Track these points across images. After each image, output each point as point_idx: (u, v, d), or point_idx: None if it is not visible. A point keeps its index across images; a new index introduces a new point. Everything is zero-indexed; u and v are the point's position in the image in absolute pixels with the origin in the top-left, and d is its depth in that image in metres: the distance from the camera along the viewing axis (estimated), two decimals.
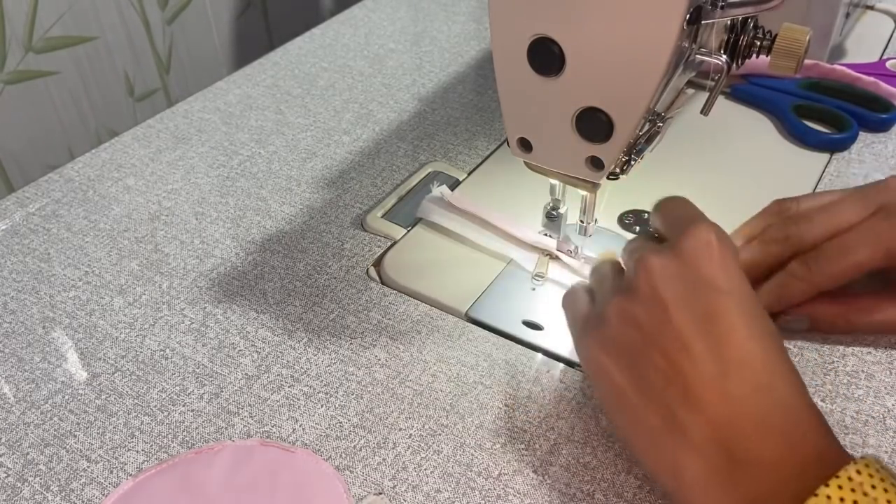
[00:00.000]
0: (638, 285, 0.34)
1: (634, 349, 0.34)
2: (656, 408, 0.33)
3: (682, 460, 0.32)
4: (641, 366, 0.33)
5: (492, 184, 0.57)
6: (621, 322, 0.34)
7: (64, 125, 0.74)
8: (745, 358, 0.32)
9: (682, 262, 0.34)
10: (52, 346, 0.46)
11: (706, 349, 0.32)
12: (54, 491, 0.38)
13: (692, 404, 0.32)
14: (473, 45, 0.77)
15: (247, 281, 0.50)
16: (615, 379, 0.34)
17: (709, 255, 0.33)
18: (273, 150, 0.62)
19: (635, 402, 0.33)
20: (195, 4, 0.82)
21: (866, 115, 0.61)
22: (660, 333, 0.33)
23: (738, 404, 0.31)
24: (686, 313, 0.33)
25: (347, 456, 0.39)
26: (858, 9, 0.73)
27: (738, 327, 0.32)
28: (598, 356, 0.35)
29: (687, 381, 0.32)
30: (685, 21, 0.34)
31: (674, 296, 0.33)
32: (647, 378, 0.33)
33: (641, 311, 0.34)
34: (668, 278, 0.33)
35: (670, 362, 0.32)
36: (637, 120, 0.38)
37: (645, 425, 0.33)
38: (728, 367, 0.32)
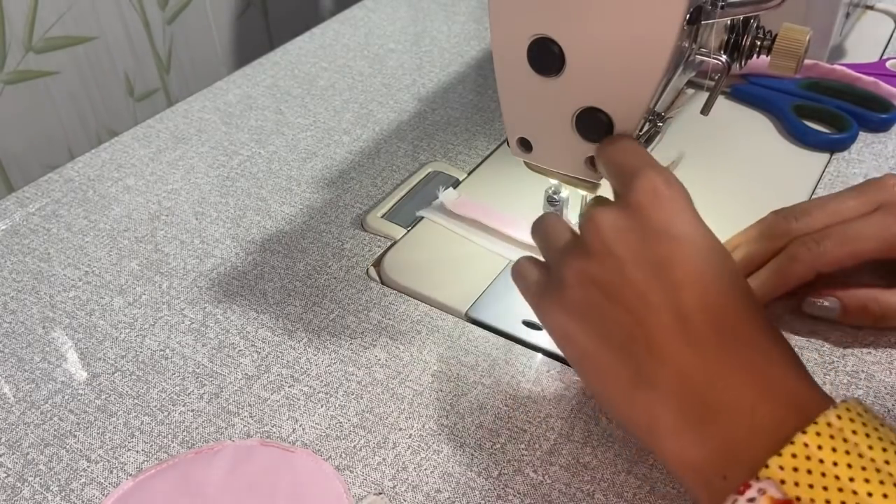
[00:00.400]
0: (590, 243, 0.33)
1: (595, 308, 0.33)
2: (624, 363, 0.32)
3: (654, 412, 0.31)
4: (604, 324, 0.33)
5: (492, 184, 0.57)
6: (578, 283, 0.33)
7: (64, 125, 0.74)
8: (705, 303, 0.31)
9: (631, 214, 0.33)
10: (52, 346, 0.46)
11: (664, 298, 0.31)
12: (54, 491, 0.38)
13: (658, 355, 0.31)
14: (473, 45, 0.77)
15: (247, 281, 0.50)
16: (580, 341, 0.33)
17: (658, 204, 0.33)
18: (273, 150, 0.62)
19: (603, 360, 0.33)
20: (195, 4, 0.82)
21: (866, 115, 0.61)
22: (618, 289, 0.32)
23: (702, 350, 0.31)
24: (641, 265, 0.32)
25: (347, 456, 0.39)
26: (858, 9, 0.73)
27: (694, 273, 0.31)
28: (560, 321, 0.34)
29: (650, 332, 0.31)
30: (685, 21, 0.34)
31: (626, 249, 0.32)
32: (611, 335, 0.32)
33: (596, 268, 0.33)
34: (619, 232, 0.33)
35: (632, 316, 0.32)
36: (637, 120, 0.38)
37: (616, 382, 0.32)
38: (688, 314, 0.31)
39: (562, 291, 0.34)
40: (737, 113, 0.64)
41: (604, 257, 0.33)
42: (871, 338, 0.45)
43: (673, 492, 0.37)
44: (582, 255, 0.34)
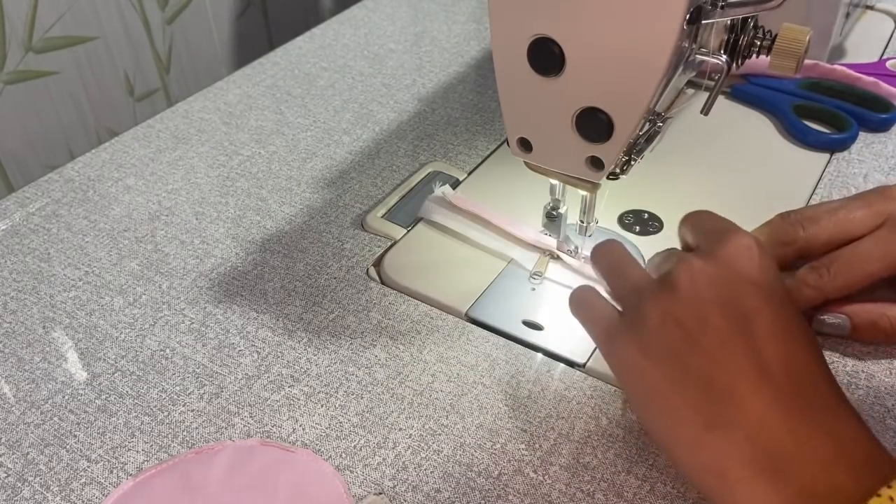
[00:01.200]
0: (679, 287, 0.34)
1: (676, 350, 0.33)
2: (699, 407, 0.32)
3: (727, 457, 0.31)
4: (683, 366, 0.33)
5: (492, 184, 0.57)
6: (661, 323, 0.34)
7: (64, 125, 0.74)
8: (787, 358, 0.32)
9: (724, 265, 0.34)
10: (52, 346, 0.46)
11: (749, 349, 0.32)
12: (54, 491, 0.38)
13: (737, 402, 0.31)
14: (473, 45, 0.77)
15: (247, 281, 0.50)
16: (654, 379, 0.33)
17: (749, 259, 0.34)
18: (273, 150, 0.62)
19: (676, 403, 0.32)
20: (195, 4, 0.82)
21: (866, 115, 0.61)
22: (702, 333, 0.33)
23: (783, 403, 0.31)
24: (728, 314, 0.33)
25: (347, 456, 0.39)
26: (858, 9, 0.73)
27: (779, 328, 0.32)
28: (633, 358, 0.34)
29: (731, 379, 0.32)
30: (685, 21, 0.34)
31: (716, 296, 0.33)
32: (688, 378, 0.32)
33: (683, 311, 0.33)
34: (710, 279, 0.34)
35: (714, 361, 0.32)
36: (637, 120, 0.38)
37: (688, 424, 0.32)
38: (771, 367, 0.32)
39: (641, 329, 0.34)
40: (737, 113, 0.64)
41: (693, 301, 0.33)
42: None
43: (673, 492, 0.37)
44: (669, 296, 0.34)
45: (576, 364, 0.44)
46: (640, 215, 0.54)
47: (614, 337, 0.36)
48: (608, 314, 0.37)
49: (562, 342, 0.45)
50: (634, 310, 0.35)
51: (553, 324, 0.46)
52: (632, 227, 0.53)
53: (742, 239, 0.35)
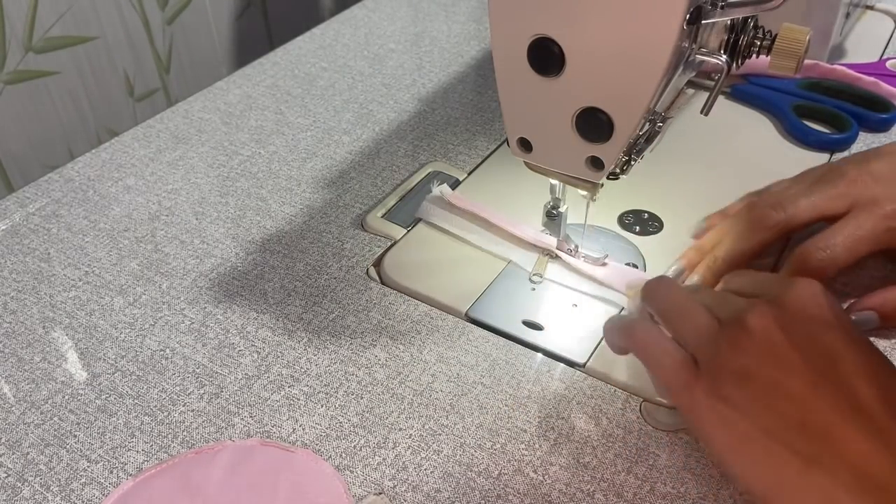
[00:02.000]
0: (754, 333, 0.34)
1: (763, 398, 0.33)
2: (797, 449, 0.32)
3: (833, 495, 0.30)
4: (774, 413, 0.32)
5: (492, 184, 0.57)
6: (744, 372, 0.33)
7: (64, 125, 0.74)
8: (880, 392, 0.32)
9: (794, 309, 0.34)
10: (52, 346, 0.46)
11: (839, 388, 0.32)
12: (54, 491, 0.38)
13: (835, 440, 0.31)
14: (473, 45, 0.77)
15: (247, 281, 0.50)
16: (744, 429, 0.33)
17: (818, 301, 0.34)
18: (273, 150, 0.62)
19: (772, 448, 0.32)
20: (195, 4, 0.82)
21: (866, 115, 0.61)
22: (788, 378, 0.32)
23: (883, 437, 0.31)
24: (811, 356, 0.33)
25: (347, 456, 0.39)
26: (858, 9, 0.73)
27: (864, 366, 0.32)
28: (719, 409, 0.33)
29: (825, 419, 0.31)
30: (685, 21, 0.34)
31: (795, 341, 0.33)
32: (781, 423, 0.32)
33: (764, 359, 0.33)
34: (784, 324, 0.34)
35: (804, 406, 0.32)
36: (637, 120, 0.38)
37: (787, 469, 0.32)
38: (864, 403, 0.31)
39: (723, 379, 0.34)
40: (737, 113, 0.64)
41: (773, 347, 0.33)
42: (870, 338, 0.45)
43: (673, 492, 0.37)
44: (747, 345, 0.34)
45: (576, 364, 0.44)
46: (640, 215, 0.54)
47: (693, 390, 0.34)
48: (681, 363, 0.36)
49: (562, 342, 0.45)
50: (712, 362, 0.34)
51: (553, 324, 0.46)
52: (632, 227, 0.53)
53: (807, 283, 0.35)
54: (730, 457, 0.34)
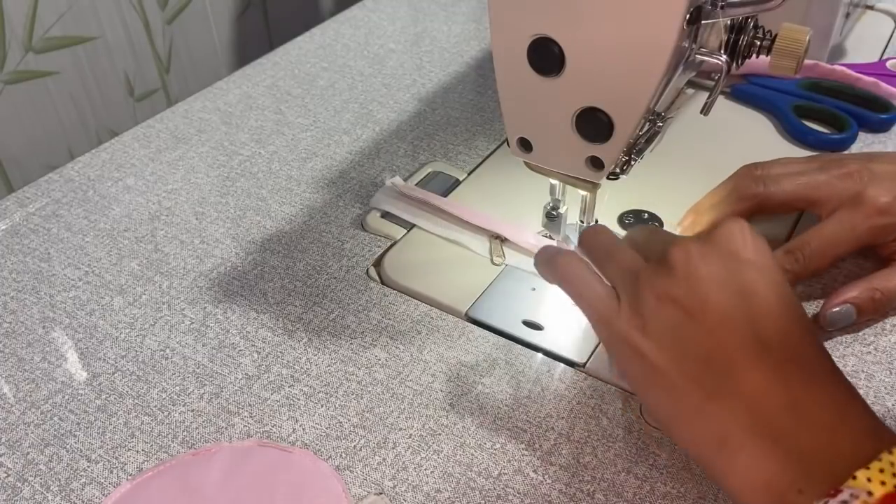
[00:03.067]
0: (675, 266, 0.34)
1: (674, 328, 0.34)
2: (699, 380, 0.33)
3: (728, 425, 0.32)
4: (682, 343, 0.33)
5: (492, 184, 0.57)
6: (659, 303, 0.34)
7: (64, 125, 0.74)
8: (785, 332, 0.33)
9: (719, 246, 0.35)
10: (52, 346, 0.46)
11: (747, 324, 0.33)
12: (54, 491, 0.38)
13: (737, 373, 0.32)
14: (473, 45, 0.77)
15: (247, 281, 0.50)
16: (653, 357, 0.34)
17: (742, 239, 0.35)
18: (273, 150, 0.62)
19: (676, 379, 0.33)
20: (195, 4, 0.82)
21: (866, 116, 0.61)
22: (700, 311, 0.33)
23: (783, 374, 0.32)
24: (725, 290, 0.33)
25: (347, 456, 0.39)
26: (858, 9, 0.73)
27: (775, 305, 0.33)
28: (633, 339, 0.35)
29: (729, 353, 0.32)
30: (685, 21, 0.34)
31: (713, 275, 0.34)
32: (688, 354, 0.33)
33: (681, 290, 0.34)
34: (706, 258, 0.34)
35: (712, 337, 0.33)
36: (637, 120, 0.38)
37: (689, 397, 0.33)
38: (768, 341, 0.32)
39: (639, 311, 0.35)
40: (737, 113, 0.64)
41: (690, 280, 0.34)
42: (871, 338, 0.45)
43: (673, 492, 0.37)
44: (665, 276, 0.34)
45: (576, 364, 0.44)
46: (640, 215, 0.54)
47: (612, 321, 0.36)
48: (604, 296, 0.37)
49: (562, 342, 0.45)
50: (631, 292, 0.36)
51: (553, 324, 0.46)
52: (632, 227, 0.53)
53: (735, 224, 0.35)
54: (641, 387, 0.35)
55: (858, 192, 0.46)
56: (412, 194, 0.54)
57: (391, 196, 0.55)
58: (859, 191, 0.46)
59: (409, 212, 0.53)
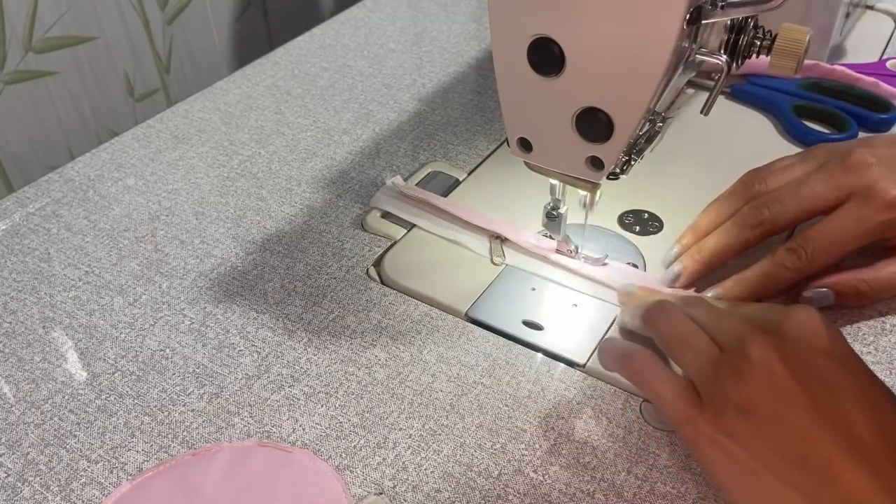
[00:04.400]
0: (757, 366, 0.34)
1: (763, 431, 0.33)
2: (797, 485, 0.31)
3: None
4: (774, 446, 0.32)
5: (492, 184, 0.57)
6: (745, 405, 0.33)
7: (64, 125, 0.74)
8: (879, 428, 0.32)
9: (797, 339, 0.34)
10: (52, 346, 0.46)
11: (838, 423, 0.32)
12: (54, 491, 0.38)
13: (834, 478, 0.31)
14: (473, 45, 0.77)
15: (247, 281, 0.50)
16: (745, 461, 0.33)
17: (817, 330, 0.34)
18: (273, 150, 0.62)
19: (772, 482, 0.32)
20: (195, 4, 0.82)
21: (866, 116, 0.61)
22: (788, 412, 0.32)
23: (881, 476, 0.31)
24: (811, 389, 0.33)
25: (347, 456, 0.39)
26: (858, 9, 0.73)
27: (864, 398, 0.32)
28: (720, 440, 0.33)
29: (826, 454, 0.31)
30: (685, 21, 0.34)
31: (796, 373, 0.33)
32: (783, 457, 0.32)
33: (767, 394, 0.33)
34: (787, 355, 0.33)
35: (804, 440, 0.32)
36: (637, 120, 0.38)
37: (785, 500, 0.32)
38: (864, 439, 0.31)
39: (724, 411, 0.34)
40: (737, 113, 0.64)
41: (774, 381, 0.33)
42: (871, 338, 0.45)
43: (673, 492, 0.37)
44: (748, 377, 0.34)
45: (576, 364, 0.44)
46: (640, 215, 0.54)
47: (697, 421, 0.34)
48: (684, 395, 0.35)
49: (562, 342, 0.45)
50: (714, 390, 0.34)
51: (553, 324, 0.46)
52: (632, 227, 0.53)
53: (806, 311, 0.35)
54: (732, 489, 0.34)
55: (867, 186, 0.44)
56: (412, 194, 0.54)
57: (391, 196, 0.55)
58: (868, 184, 0.44)
59: (409, 212, 0.54)
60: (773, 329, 0.35)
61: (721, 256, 0.46)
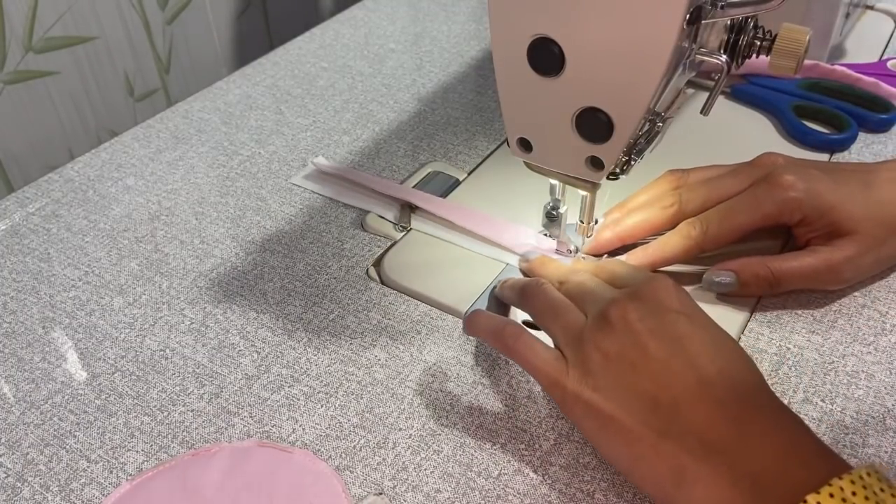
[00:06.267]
0: (614, 324, 0.37)
1: (620, 380, 0.36)
2: (650, 423, 0.35)
3: (682, 460, 0.33)
4: (628, 393, 0.36)
5: (492, 184, 0.57)
6: (605, 359, 0.37)
7: (64, 125, 0.74)
8: (724, 370, 0.35)
9: (649, 301, 0.38)
10: (52, 346, 0.46)
11: (687, 366, 0.35)
12: (54, 491, 0.38)
13: (684, 413, 0.34)
14: (473, 45, 0.77)
15: (247, 281, 0.50)
16: (605, 409, 0.36)
17: (668, 292, 0.38)
18: (273, 150, 0.62)
19: (628, 423, 0.35)
20: (195, 4, 0.82)
21: (866, 116, 0.61)
22: (642, 360, 0.36)
23: (728, 409, 0.34)
24: (662, 340, 0.36)
25: (347, 456, 0.39)
26: (858, 9, 0.73)
27: (710, 347, 0.36)
28: (586, 396, 0.36)
29: (675, 395, 0.35)
30: (685, 21, 0.34)
31: (649, 327, 0.36)
32: (637, 401, 0.35)
33: (622, 345, 0.36)
34: (640, 313, 0.37)
35: (656, 383, 0.35)
36: (637, 120, 0.38)
37: (642, 442, 0.35)
38: (709, 379, 0.35)
39: (587, 369, 0.37)
40: (737, 113, 0.64)
41: (630, 335, 0.37)
42: (871, 338, 0.45)
43: None
44: (608, 333, 0.37)
45: None
46: None
47: (563, 382, 0.37)
48: (552, 361, 0.38)
49: None
50: (577, 352, 0.38)
51: None
52: None
53: (657, 279, 0.39)
54: (598, 439, 0.37)
55: (768, 174, 0.47)
56: (331, 171, 0.58)
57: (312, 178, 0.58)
58: (769, 173, 0.47)
59: (332, 189, 0.57)
60: (631, 294, 0.38)
61: (642, 232, 0.49)
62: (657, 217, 0.49)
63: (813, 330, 0.45)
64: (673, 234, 0.47)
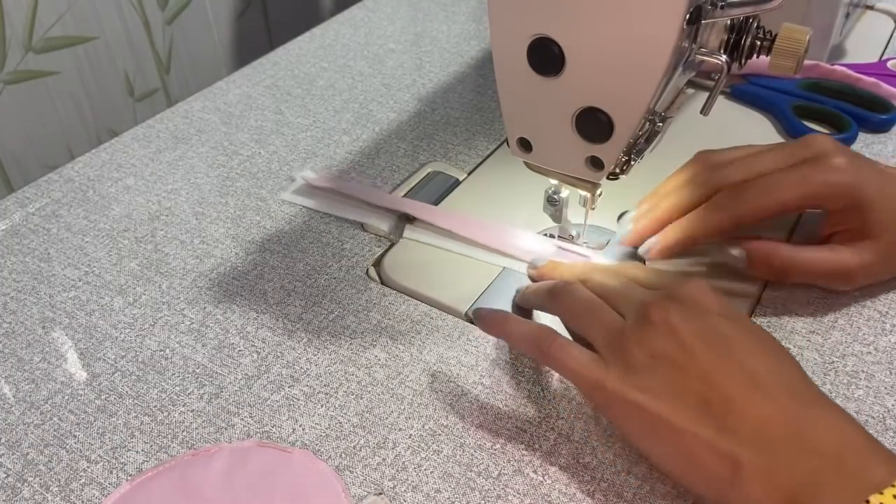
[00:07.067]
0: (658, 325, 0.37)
1: (670, 380, 0.35)
2: (703, 422, 0.34)
3: (739, 457, 0.33)
4: (679, 393, 0.35)
5: (492, 184, 0.57)
6: (651, 360, 0.36)
7: (64, 125, 0.74)
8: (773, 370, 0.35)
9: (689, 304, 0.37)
10: (52, 346, 0.46)
11: (736, 366, 0.35)
12: (54, 491, 0.38)
13: (738, 411, 0.34)
14: (473, 45, 0.77)
15: (247, 281, 0.50)
16: (654, 409, 0.35)
17: (706, 296, 0.38)
18: (273, 150, 0.62)
19: (679, 424, 0.34)
20: (195, 4, 0.82)
21: (866, 116, 0.61)
22: (689, 360, 0.35)
23: (781, 406, 0.34)
24: (708, 342, 0.36)
25: (347, 456, 0.39)
26: (858, 9, 0.73)
27: (755, 347, 0.36)
28: (629, 394, 0.36)
29: (726, 394, 0.34)
30: (685, 21, 0.34)
31: (694, 329, 0.36)
32: (688, 402, 0.35)
33: (666, 346, 0.36)
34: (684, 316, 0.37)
35: (707, 383, 0.35)
36: (637, 120, 0.38)
37: (693, 442, 0.34)
38: (759, 377, 0.34)
39: (631, 367, 0.36)
40: (737, 113, 0.64)
41: (675, 336, 0.36)
42: (871, 338, 0.45)
43: (673, 492, 0.37)
44: (652, 334, 0.37)
45: None
46: None
47: (604, 383, 0.37)
48: (590, 363, 0.38)
49: None
50: (619, 352, 0.37)
51: (553, 323, 0.46)
52: None
53: (695, 283, 0.38)
54: (646, 441, 0.36)
55: (819, 152, 0.45)
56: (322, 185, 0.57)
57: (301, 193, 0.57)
58: (820, 152, 0.45)
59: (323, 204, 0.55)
60: (669, 295, 0.38)
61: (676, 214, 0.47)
62: (694, 196, 0.47)
63: (813, 330, 0.45)
64: (709, 206, 0.46)
